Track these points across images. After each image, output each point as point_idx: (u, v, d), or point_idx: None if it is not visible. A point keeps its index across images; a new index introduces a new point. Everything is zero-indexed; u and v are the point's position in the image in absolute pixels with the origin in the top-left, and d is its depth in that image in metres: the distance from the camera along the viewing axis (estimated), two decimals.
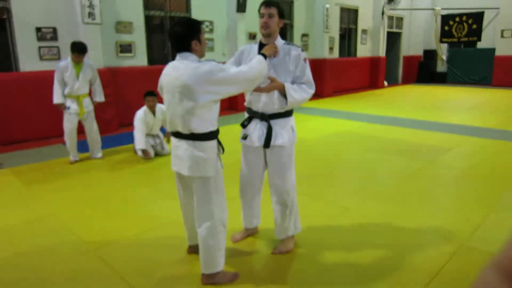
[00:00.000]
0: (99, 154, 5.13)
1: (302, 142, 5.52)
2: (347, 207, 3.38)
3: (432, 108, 9.19)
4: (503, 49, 13.22)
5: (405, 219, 3.16)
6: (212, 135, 2.19)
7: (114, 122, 6.79)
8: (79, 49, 4.66)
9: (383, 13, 13.00)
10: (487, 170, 4.40)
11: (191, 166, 2.15)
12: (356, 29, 12.71)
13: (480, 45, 14.12)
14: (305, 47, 10.95)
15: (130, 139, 5.44)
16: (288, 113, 2.54)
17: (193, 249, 2.60)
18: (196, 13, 8.18)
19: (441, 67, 15.37)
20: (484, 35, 13.70)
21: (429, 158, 4.87)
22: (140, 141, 4.93)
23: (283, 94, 2.42)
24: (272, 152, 2.54)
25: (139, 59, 7.45)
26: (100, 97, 5.07)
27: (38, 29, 6.20)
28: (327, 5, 10.61)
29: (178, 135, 2.20)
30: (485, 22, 13.61)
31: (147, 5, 7.46)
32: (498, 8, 13.13)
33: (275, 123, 2.50)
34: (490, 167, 4.54)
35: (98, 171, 4.66)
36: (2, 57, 6.13)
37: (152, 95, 5.15)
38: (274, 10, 2.40)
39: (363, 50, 13.18)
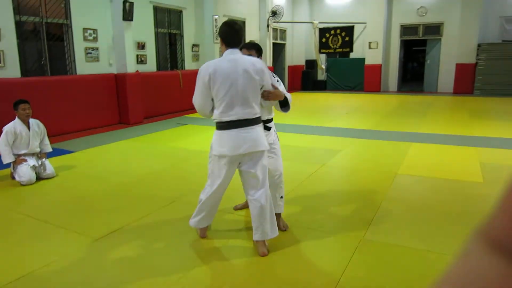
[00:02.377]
0: None
1: (201, 153, 5.47)
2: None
3: (317, 114, 9.94)
4: (371, 58, 14.98)
5: (309, 220, 3.33)
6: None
7: None
8: None
9: (268, 25, 13.69)
10: (372, 167, 4.90)
11: None
12: (244, 40, 13.11)
13: (352, 55, 15.78)
14: (195, 58, 10.94)
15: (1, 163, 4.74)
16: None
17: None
18: (77, 20, 7.57)
19: (321, 75, 16.76)
20: (355, 46, 15.37)
21: (321, 161, 5.23)
22: (6, 155, 4.45)
23: None
24: None
25: (10, 70, 6.58)
26: None
27: None
28: (216, 16, 10.77)
29: None
30: (355, 35, 15.27)
31: (18, 10, 6.65)
32: (365, 23, 14.84)
33: None
34: (374, 164, 5.07)
35: None
36: None
37: (25, 102, 4.59)
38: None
39: None
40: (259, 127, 2.71)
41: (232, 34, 2.67)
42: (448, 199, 3.78)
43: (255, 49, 2.95)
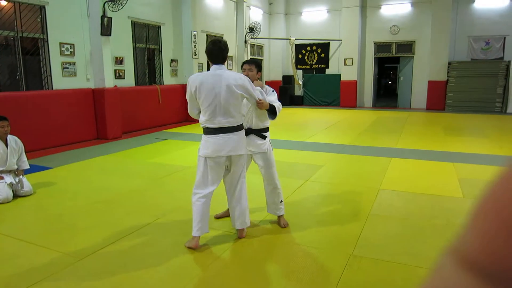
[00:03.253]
0: None
1: (183, 169, 5.40)
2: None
3: (296, 129, 10.04)
4: (346, 75, 15.33)
5: (297, 237, 3.32)
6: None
7: None
8: None
9: (245, 41, 13.82)
10: (355, 182, 4.96)
11: None
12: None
13: (328, 71, 16.10)
14: (174, 73, 10.89)
15: None
16: None
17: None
18: (54, 35, 7.42)
19: (298, 91, 16.99)
20: (331, 63, 15.69)
21: (305, 176, 5.25)
22: None
23: None
24: None
25: None
26: None
27: None
28: (195, 32, 10.79)
29: None
30: (331, 52, 15.62)
31: None
32: (340, 40, 15.22)
33: None
34: (357, 179, 5.13)
35: None
36: None
37: (3, 120, 4.43)
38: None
39: None
40: (240, 133, 3.07)
41: (216, 51, 2.99)
42: (431, 214, 3.86)
43: (255, 65, 3.41)
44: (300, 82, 16.25)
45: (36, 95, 7.09)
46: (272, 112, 3.32)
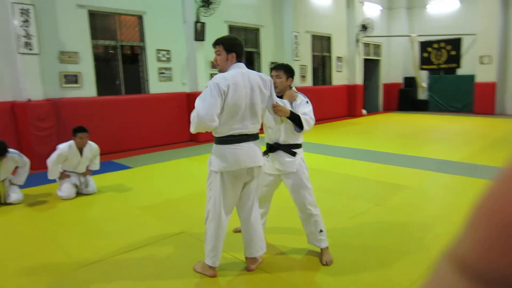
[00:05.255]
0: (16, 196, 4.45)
1: None
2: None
3: (405, 139, 8.73)
4: (482, 75, 12.92)
5: (327, 277, 2.61)
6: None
7: None
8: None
9: (357, 41, 12.77)
10: (441, 214, 3.87)
11: None
12: (330, 57, 12.43)
13: (460, 71, 13.85)
14: None
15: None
16: None
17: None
18: (151, 42, 7.84)
19: (422, 94, 15.05)
20: (464, 61, 13.46)
21: (378, 198, 4.33)
22: (53, 173, 4.58)
23: None
24: None
25: (87, 90, 7.03)
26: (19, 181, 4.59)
27: None
28: (296, 33, 10.33)
29: None
30: (463, 48, 13.40)
31: (95, 35, 7.10)
32: (475, 34, 12.93)
33: None
34: (446, 210, 4.02)
35: (16, 211, 4.11)
36: None
37: (83, 132, 4.65)
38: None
39: (339, 78, 12.86)
40: (258, 142, 2.68)
41: (243, 48, 2.65)
42: None
43: (283, 70, 2.87)
44: (424, 85, 14.33)
45: (132, 99, 7.56)
46: (298, 123, 2.72)
